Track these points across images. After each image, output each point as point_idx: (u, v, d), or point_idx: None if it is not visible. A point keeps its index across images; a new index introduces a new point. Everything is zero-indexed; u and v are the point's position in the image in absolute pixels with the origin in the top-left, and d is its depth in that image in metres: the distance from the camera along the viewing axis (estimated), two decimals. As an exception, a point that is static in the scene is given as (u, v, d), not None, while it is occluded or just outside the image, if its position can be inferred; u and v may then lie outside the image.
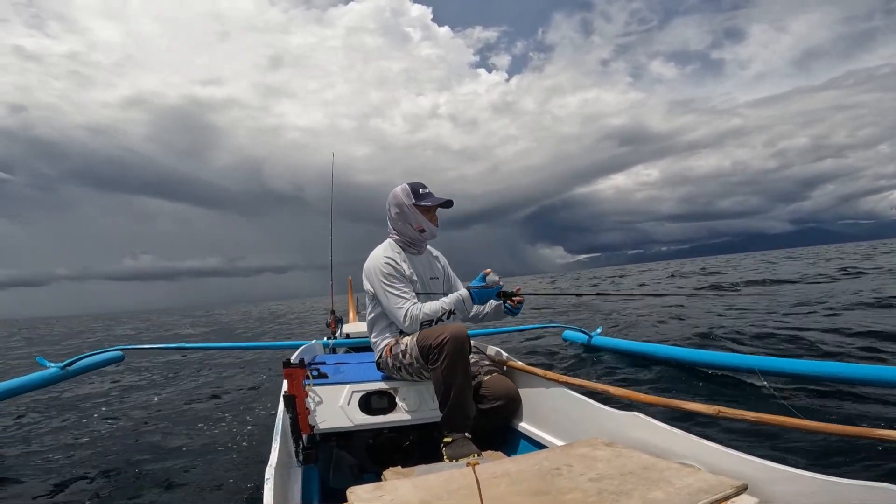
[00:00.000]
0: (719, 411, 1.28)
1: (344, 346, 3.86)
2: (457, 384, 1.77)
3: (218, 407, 4.49)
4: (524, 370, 2.02)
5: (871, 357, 3.21)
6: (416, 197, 2.09)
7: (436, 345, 1.79)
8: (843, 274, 11.20)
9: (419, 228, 2.11)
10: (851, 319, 4.79)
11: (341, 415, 1.91)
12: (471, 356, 2.13)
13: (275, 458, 1.33)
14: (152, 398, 5.12)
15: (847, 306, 5.86)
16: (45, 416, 4.73)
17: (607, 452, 1.29)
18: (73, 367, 2.95)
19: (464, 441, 1.76)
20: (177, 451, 3.16)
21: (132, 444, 3.46)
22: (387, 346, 2.06)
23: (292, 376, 1.71)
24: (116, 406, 4.99)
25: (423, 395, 2.00)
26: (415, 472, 1.46)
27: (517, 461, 1.34)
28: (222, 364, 6.97)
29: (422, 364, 1.90)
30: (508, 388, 2.00)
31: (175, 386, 5.70)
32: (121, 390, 5.74)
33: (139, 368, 7.24)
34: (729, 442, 1.15)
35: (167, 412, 4.54)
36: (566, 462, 1.26)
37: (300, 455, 1.60)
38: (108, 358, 3.26)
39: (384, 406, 1.99)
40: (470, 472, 1.23)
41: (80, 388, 6.03)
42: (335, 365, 2.47)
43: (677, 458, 1.22)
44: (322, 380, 2.03)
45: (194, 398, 5.04)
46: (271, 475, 1.20)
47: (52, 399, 5.39)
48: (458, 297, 1.95)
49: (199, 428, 3.74)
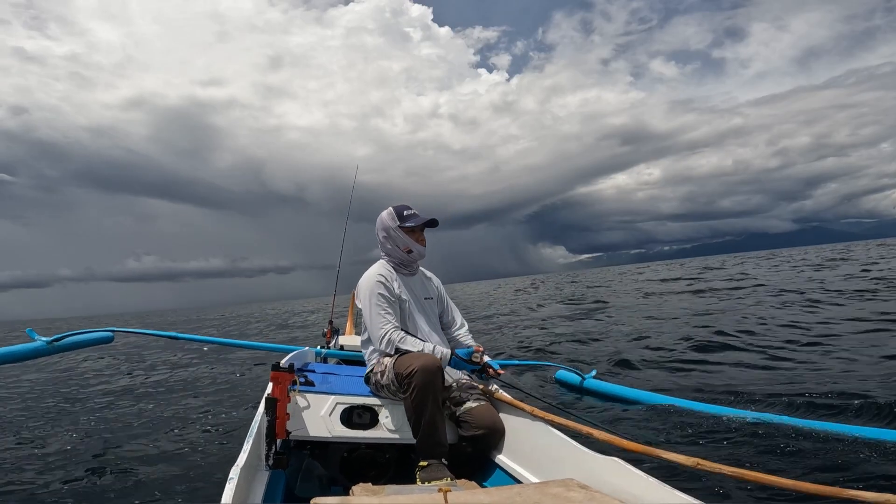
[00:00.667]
0: (698, 463, 1.26)
1: (336, 356, 3.84)
2: (426, 415, 1.79)
3: (197, 402, 4.45)
4: (510, 403, 2.01)
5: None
6: (401, 219, 2.15)
7: (406, 374, 1.82)
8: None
9: (406, 250, 2.17)
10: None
11: (321, 424, 1.89)
12: (461, 383, 2.13)
13: (243, 458, 1.31)
14: (132, 384, 5.08)
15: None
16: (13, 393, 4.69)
17: (580, 495, 1.27)
18: (60, 342, 2.94)
19: (439, 466, 1.75)
20: (146, 444, 3.13)
21: (99, 432, 3.42)
22: (374, 362, 2.09)
23: (278, 380, 1.71)
24: (91, 389, 4.95)
25: (405, 415, 1.99)
26: (384, 490, 1.43)
27: (490, 493, 1.31)
28: (210, 358, 6.92)
29: (397, 387, 1.92)
30: (493, 419, 1.99)
31: (159, 374, 5.66)
32: (101, 373, 5.69)
33: (126, 352, 7.20)
34: (704, 495, 1.13)
35: (145, 402, 4.50)
36: (538, 500, 1.23)
37: (270, 459, 1.58)
38: (97, 338, 3.25)
39: (366, 422, 1.98)
40: (440, 498, 1.21)
41: (59, 365, 6.01)
42: (324, 374, 2.46)
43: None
44: (308, 387, 2.02)
45: (175, 390, 4.99)
46: (236, 475, 1.18)
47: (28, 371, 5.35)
48: (439, 353, 1.98)
49: (174, 422, 3.70)
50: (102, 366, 6.51)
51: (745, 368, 4.33)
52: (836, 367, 3.99)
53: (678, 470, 1.64)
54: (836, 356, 4.30)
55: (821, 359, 4.29)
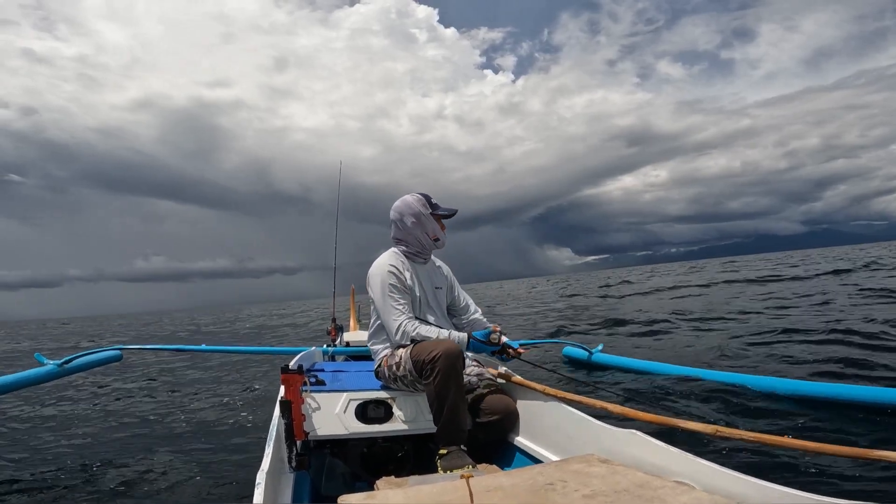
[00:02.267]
0: (717, 430, 1.27)
1: (343, 354, 3.85)
2: (450, 400, 1.78)
3: (213, 410, 4.47)
4: (523, 384, 2.01)
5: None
6: (431, 206, 2.14)
7: (428, 360, 1.80)
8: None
9: (434, 237, 2.15)
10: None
11: (337, 422, 1.90)
12: (471, 368, 2.13)
13: (267, 462, 1.32)
14: (147, 399, 5.12)
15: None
16: (35, 413, 4.72)
17: (602, 469, 1.28)
18: (69, 364, 2.95)
19: (459, 453, 1.75)
20: (168, 452, 3.15)
21: (122, 445, 3.45)
22: (384, 355, 2.07)
23: (289, 382, 1.71)
24: (109, 406, 4.98)
25: (419, 405, 1.99)
26: (408, 482, 1.44)
27: (511, 475, 1.32)
28: (219, 367, 6.97)
29: (415, 377, 1.91)
30: (507, 404, 1.99)
31: (170, 388, 5.69)
32: (116, 390, 5.74)
33: (136, 368, 7.23)
34: (726, 461, 1.14)
35: (161, 414, 4.53)
36: (560, 478, 1.24)
37: (293, 461, 1.59)
38: (106, 357, 3.26)
39: (380, 415, 1.98)
40: (463, 485, 1.21)
41: (74, 386, 6.05)
42: (333, 373, 2.46)
43: (673, 476, 1.20)
44: (319, 387, 2.02)
45: (189, 401, 5.02)
46: (262, 480, 1.19)
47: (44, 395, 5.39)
48: (456, 337, 1.95)
49: (192, 432, 3.73)
50: (110, 379, 6.57)
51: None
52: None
53: (697, 438, 1.66)
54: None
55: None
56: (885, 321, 5.32)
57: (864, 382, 2.94)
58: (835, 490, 1.62)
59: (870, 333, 4.71)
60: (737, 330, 6.01)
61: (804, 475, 1.74)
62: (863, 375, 3.25)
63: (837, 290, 9.49)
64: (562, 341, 4.74)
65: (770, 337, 5.23)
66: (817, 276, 13.66)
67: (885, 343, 4.31)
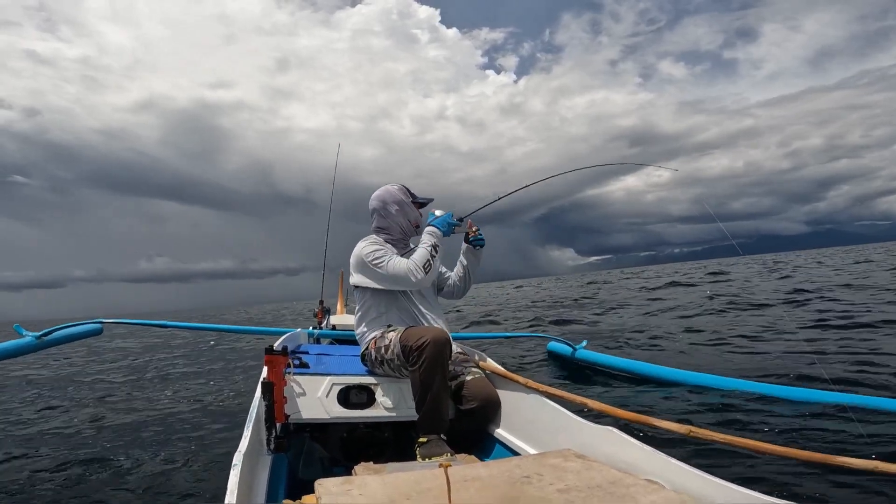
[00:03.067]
0: (690, 431, 1.30)
1: (329, 337, 3.84)
2: (434, 388, 1.79)
3: (192, 389, 4.45)
4: (505, 376, 2.03)
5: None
6: (411, 196, 2.26)
7: (416, 347, 1.81)
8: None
9: (416, 224, 2.26)
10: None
11: (318, 406, 1.90)
12: (455, 356, 2.15)
13: (245, 444, 1.31)
14: (125, 375, 5.07)
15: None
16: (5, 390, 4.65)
17: (578, 464, 1.30)
18: (48, 337, 2.89)
19: (438, 442, 1.77)
20: (143, 432, 3.14)
21: (97, 424, 3.42)
22: (373, 339, 2.08)
23: (273, 363, 1.70)
24: (85, 380, 4.93)
25: (403, 392, 2.00)
26: (386, 468, 1.45)
27: (489, 466, 1.34)
28: (203, 345, 6.90)
29: (402, 362, 1.92)
30: (489, 392, 2.01)
31: (151, 364, 5.64)
32: (92, 366, 5.67)
33: (115, 344, 7.14)
34: (697, 461, 1.17)
35: (138, 391, 4.49)
36: (537, 471, 1.26)
37: (271, 443, 1.59)
38: (86, 330, 3.21)
39: (363, 401, 1.99)
40: (441, 474, 1.23)
41: (53, 358, 5.97)
42: (318, 355, 2.46)
43: (645, 474, 1.23)
44: (303, 369, 2.02)
45: (169, 378, 4.99)
46: (239, 461, 1.19)
47: (20, 366, 5.31)
48: (428, 234, 2.08)
49: (170, 411, 3.71)
50: (91, 358, 6.46)
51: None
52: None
53: (671, 437, 1.70)
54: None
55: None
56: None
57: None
58: (798, 494, 1.68)
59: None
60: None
61: (770, 479, 1.80)
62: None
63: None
64: (547, 336, 4.79)
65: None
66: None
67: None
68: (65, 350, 7.23)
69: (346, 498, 1.12)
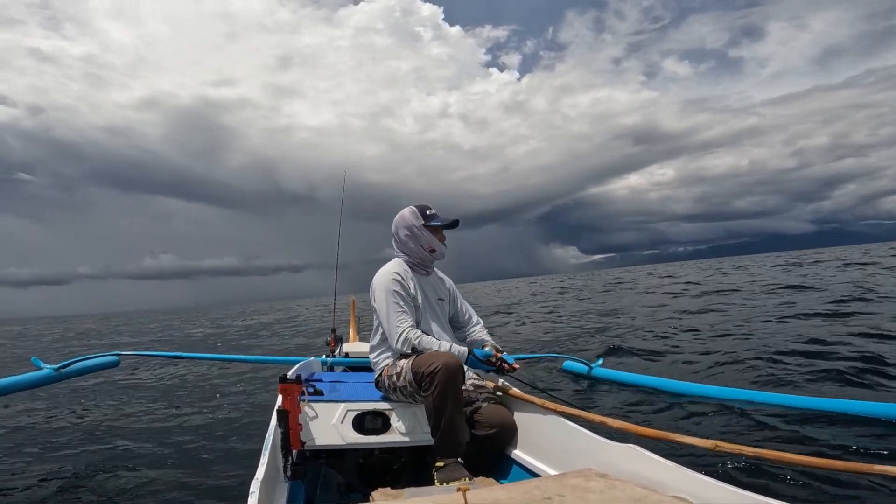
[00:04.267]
0: (716, 445, 1.26)
1: (342, 364, 3.84)
2: (447, 413, 1.77)
3: (209, 418, 4.43)
4: (521, 398, 2.01)
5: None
6: (425, 218, 2.15)
7: (428, 373, 1.80)
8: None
9: (430, 249, 2.16)
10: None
11: (334, 432, 1.89)
12: (469, 381, 2.12)
13: (262, 472, 1.31)
14: (142, 406, 5.08)
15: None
16: (30, 417, 4.69)
17: (600, 484, 1.27)
18: (67, 369, 2.94)
19: (456, 466, 1.74)
20: (161, 459, 3.12)
21: (115, 452, 3.41)
22: (386, 365, 2.07)
23: (287, 392, 1.71)
24: (102, 411, 4.95)
25: (418, 417, 1.98)
26: (404, 494, 1.43)
27: (508, 489, 1.31)
28: (217, 375, 6.92)
29: (415, 388, 1.91)
30: (504, 417, 1.99)
31: (167, 395, 5.66)
32: (112, 396, 5.70)
33: (133, 375, 7.18)
34: (725, 476, 1.13)
35: (156, 421, 4.49)
36: (558, 492, 1.23)
37: (288, 470, 1.58)
38: (104, 362, 3.25)
39: (378, 426, 1.97)
40: (460, 498, 1.20)
41: (71, 391, 6.02)
42: (332, 383, 2.46)
43: (671, 491, 1.19)
44: (317, 397, 2.02)
45: (185, 408, 4.98)
46: (256, 488, 1.18)
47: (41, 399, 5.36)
48: (457, 351, 1.96)
49: (188, 439, 3.69)
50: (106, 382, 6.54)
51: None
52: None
53: (696, 453, 1.64)
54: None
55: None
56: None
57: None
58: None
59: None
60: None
61: (804, 490, 1.72)
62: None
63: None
64: (562, 356, 4.72)
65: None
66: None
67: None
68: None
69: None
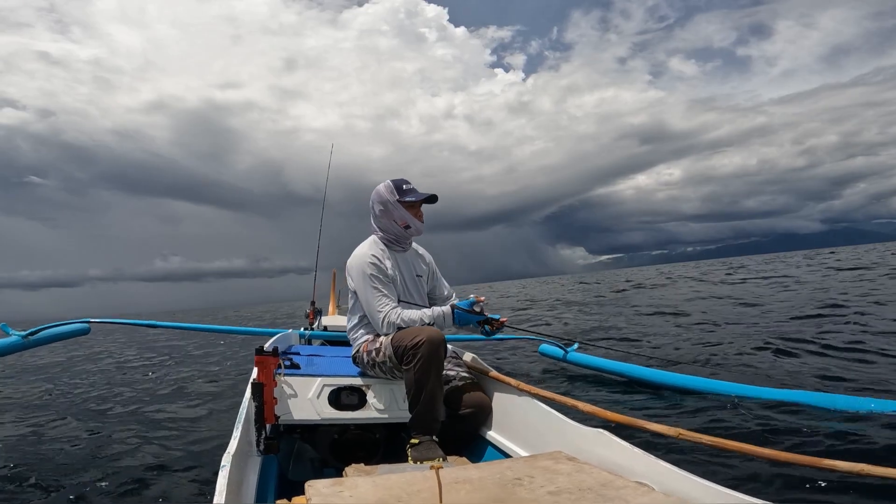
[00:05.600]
0: (679, 433, 1.31)
1: (320, 338, 3.82)
2: (428, 387, 1.77)
3: (181, 389, 4.40)
4: (497, 379, 2.03)
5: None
6: (400, 193, 2.08)
7: (411, 346, 1.79)
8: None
9: (404, 225, 2.10)
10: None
11: (309, 407, 1.89)
12: (446, 361, 2.14)
13: (234, 445, 1.30)
14: (112, 375, 5.00)
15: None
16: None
17: (568, 467, 1.31)
18: (35, 336, 2.85)
19: (430, 444, 1.76)
20: (131, 432, 3.10)
21: (82, 424, 3.37)
22: (364, 341, 2.06)
23: (263, 364, 1.69)
24: (70, 382, 4.86)
25: (394, 394, 2.00)
26: (377, 470, 1.45)
27: (480, 468, 1.34)
28: (191, 345, 6.83)
29: (395, 364, 1.90)
30: (481, 398, 2.01)
31: (138, 364, 5.57)
32: (79, 364, 5.58)
33: (104, 343, 7.04)
34: (686, 464, 1.18)
35: (126, 391, 4.43)
36: (528, 473, 1.27)
37: (261, 444, 1.58)
38: (73, 330, 3.16)
39: (354, 402, 1.98)
40: (433, 476, 1.23)
41: (37, 359, 5.87)
42: (309, 356, 2.45)
43: (635, 476, 1.24)
44: (294, 370, 2.01)
45: (157, 378, 4.92)
46: (228, 462, 1.18)
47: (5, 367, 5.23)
48: (441, 313, 1.97)
49: (158, 412, 3.66)
50: (78, 356, 6.37)
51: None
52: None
53: (661, 440, 1.71)
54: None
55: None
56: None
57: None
58: (785, 497, 1.70)
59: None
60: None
61: (758, 481, 1.82)
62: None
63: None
64: (538, 338, 4.80)
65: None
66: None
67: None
68: (52, 345, 7.14)
69: (336, 499, 1.12)
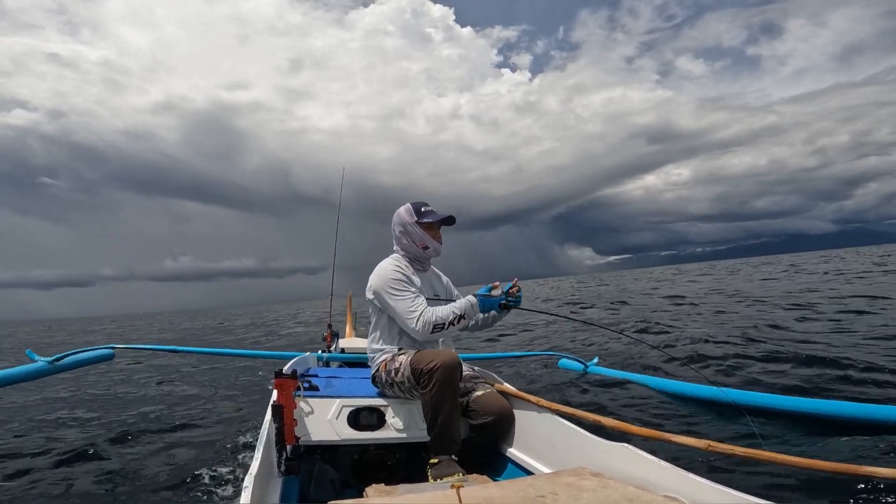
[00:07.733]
0: (709, 445, 1.27)
1: (338, 360, 3.84)
2: (444, 411, 1.79)
3: (204, 413, 4.43)
4: (516, 395, 2.01)
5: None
6: (418, 215, 2.17)
7: (427, 370, 1.81)
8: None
9: (423, 246, 2.18)
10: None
11: (328, 428, 1.89)
12: (466, 373, 2.13)
13: (256, 466, 1.31)
14: (135, 400, 5.08)
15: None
16: (23, 408, 4.68)
17: (593, 483, 1.27)
18: (61, 362, 2.93)
19: (450, 462, 1.75)
20: (155, 454, 3.13)
21: (109, 445, 3.41)
22: (384, 360, 2.07)
23: (283, 387, 1.71)
24: (95, 405, 4.95)
25: (413, 413, 1.99)
26: (398, 490, 1.43)
27: (502, 486, 1.32)
28: (213, 369, 6.92)
29: (413, 384, 1.92)
30: (501, 405, 1.99)
31: (160, 389, 5.66)
32: (104, 390, 5.70)
33: (128, 369, 7.18)
34: (716, 476, 1.14)
35: (150, 414, 4.49)
36: (552, 490, 1.23)
37: (282, 465, 1.58)
38: (98, 356, 3.24)
39: (373, 423, 1.98)
40: (453, 495, 1.21)
41: (63, 384, 6.02)
42: (327, 378, 2.46)
43: (663, 490, 1.20)
44: (312, 392, 2.02)
45: (179, 402, 4.98)
46: (250, 483, 1.18)
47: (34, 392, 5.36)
48: (468, 303, 2.03)
49: (182, 434, 3.69)
50: (103, 379, 6.52)
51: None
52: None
53: (689, 453, 1.65)
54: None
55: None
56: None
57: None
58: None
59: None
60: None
61: (795, 491, 1.74)
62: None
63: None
64: (557, 353, 4.73)
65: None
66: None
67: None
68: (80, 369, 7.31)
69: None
